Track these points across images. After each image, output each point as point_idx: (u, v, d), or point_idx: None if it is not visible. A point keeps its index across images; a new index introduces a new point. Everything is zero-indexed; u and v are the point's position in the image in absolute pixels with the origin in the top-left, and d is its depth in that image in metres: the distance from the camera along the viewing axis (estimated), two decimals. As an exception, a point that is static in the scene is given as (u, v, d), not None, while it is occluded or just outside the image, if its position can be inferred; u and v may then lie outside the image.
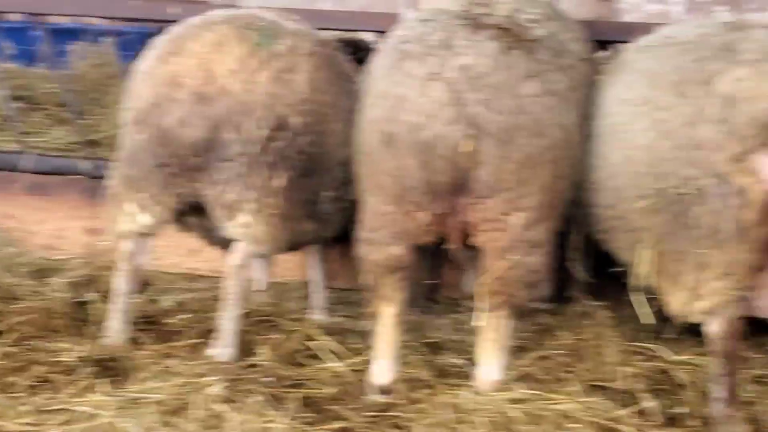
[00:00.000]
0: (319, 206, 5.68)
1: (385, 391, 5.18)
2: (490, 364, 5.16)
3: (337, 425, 4.82)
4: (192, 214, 5.75)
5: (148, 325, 5.89)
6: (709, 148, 4.80)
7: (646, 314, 5.17)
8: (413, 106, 5.01)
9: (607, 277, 5.74)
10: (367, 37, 6.91)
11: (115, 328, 5.67)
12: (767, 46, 4.84)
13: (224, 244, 5.70)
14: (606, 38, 6.01)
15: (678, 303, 4.98)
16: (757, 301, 5.01)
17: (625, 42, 5.71)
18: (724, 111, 4.78)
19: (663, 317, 5.22)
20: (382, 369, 5.23)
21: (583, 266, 5.72)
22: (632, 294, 5.20)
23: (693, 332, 5.53)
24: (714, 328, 4.90)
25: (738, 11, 6.53)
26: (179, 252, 7.03)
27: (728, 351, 4.87)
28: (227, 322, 5.52)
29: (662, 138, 4.97)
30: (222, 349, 5.50)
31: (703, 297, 4.87)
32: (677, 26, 5.49)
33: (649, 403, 5.02)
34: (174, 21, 5.85)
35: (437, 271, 6.59)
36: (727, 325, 4.86)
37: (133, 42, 7.55)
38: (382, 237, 5.19)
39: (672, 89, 5.00)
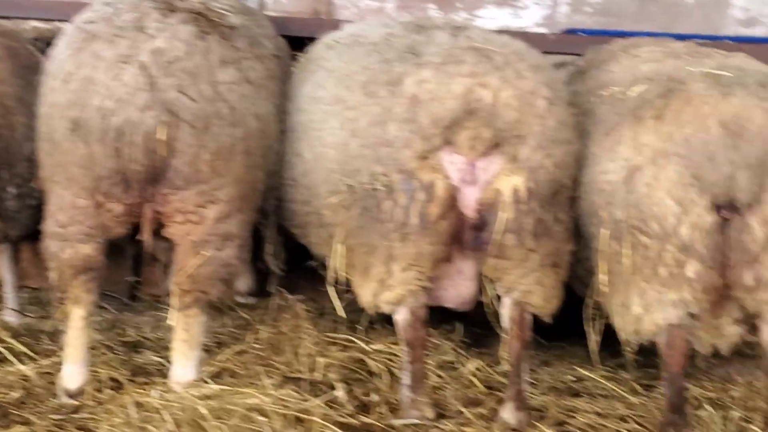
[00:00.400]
0: (4, 203, 5.46)
1: (73, 394, 5.04)
2: (183, 362, 5.12)
3: (20, 430, 4.65)
4: None
5: None
6: (397, 146, 4.96)
7: (339, 307, 5.28)
8: (103, 90, 4.86)
9: (303, 271, 5.84)
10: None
11: None
12: (448, 49, 5.06)
13: None
14: (298, 34, 6.07)
15: (369, 294, 5.12)
16: (441, 291, 5.21)
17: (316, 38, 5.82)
18: (410, 111, 4.96)
19: (360, 308, 5.36)
20: (71, 372, 5.08)
21: (280, 260, 5.77)
22: (328, 287, 5.30)
23: (388, 322, 5.71)
24: (401, 317, 5.06)
25: (448, 9, 6.80)
26: None
27: (414, 339, 5.05)
28: None
29: (352, 136, 5.09)
30: None
31: (391, 288, 5.03)
32: (363, 25, 5.66)
33: (339, 392, 5.12)
34: None
35: (138, 268, 6.50)
36: (412, 315, 5.03)
37: None
38: (73, 233, 5.02)
39: (361, 89, 5.14)
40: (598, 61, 5.80)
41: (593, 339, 5.27)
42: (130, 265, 6.50)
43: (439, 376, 5.49)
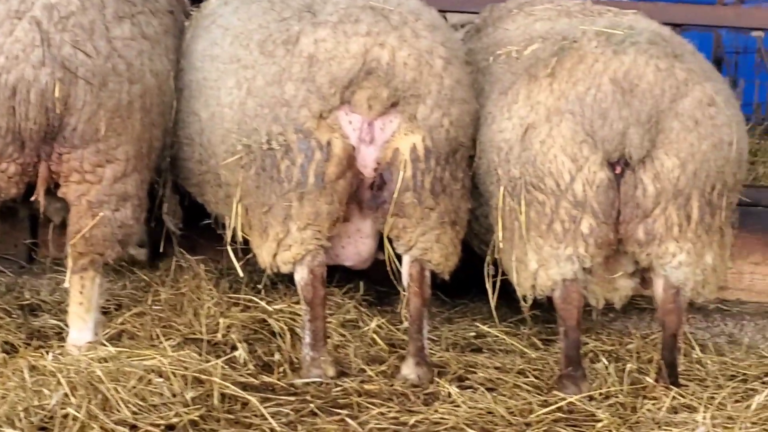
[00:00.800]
0: None
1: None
2: (80, 325, 5.08)
3: None
4: None
5: None
6: (294, 105, 4.95)
7: (239, 267, 5.27)
8: None
9: (202, 230, 5.81)
10: None
11: None
12: (345, 8, 5.06)
13: None
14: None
15: (267, 254, 5.12)
16: (340, 250, 5.24)
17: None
18: (307, 70, 4.94)
19: (260, 269, 5.35)
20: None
21: (177, 219, 5.73)
22: (227, 247, 5.28)
23: (291, 282, 5.71)
24: (300, 276, 5.07)
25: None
26: None
27: (314, 298, 5.07)
28: None
29: (249, 96, 5.06)
30: None
31: (289, 247, 5.03)
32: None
33: (240, 351, 5.12)
34: None
35: (35, 230, 6.39)
36: (311, 273, 5.04)
37: None
38: None
39: (258, 48, 5.10)
40: (493, 20, 5.85)
41: (493, 296, 5.35)
42: (27, 227, 6.38)
43: (342, 335, 5.52)
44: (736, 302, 6.50)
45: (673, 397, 4.91)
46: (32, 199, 5.01)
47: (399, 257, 5.21)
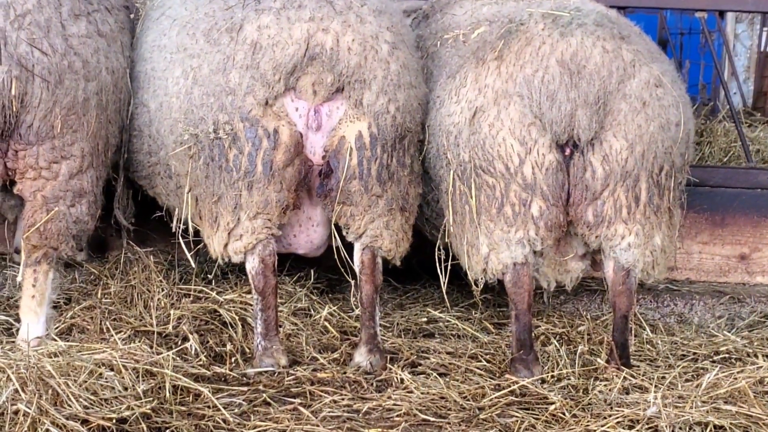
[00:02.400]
0: None
1: None
2: (32, 319, 5.03)
3: None
4: None
5: None
6: (240, 94, 4.92)
7: (191, 258, 5.24)
8: None
9: (152, 223, 5.77)
10: None
11: None
12: None
13: None
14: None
15: (218, 244, 5.09)
16: (292, 238, 5.22)
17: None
18: (251, 58, 4.91)
19: (211, 259, 5.32)
20: None
21: (129, 213, 5.69)
22: (178, 238, 5.25)
23: (242, 271, 5.69)
24: (251, 265, 5.05)
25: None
26: None
27: (265, 287, 5.05)
28: None
29: (195, 84, 5.02)
30: None
31: (240, 237, 5.01)
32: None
33: (191, 343, 5.10)
34: None
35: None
36: (262, 262, 5.02)
37: None
38: None
39: (203, 37, 5.07)
40: (441, 5, 5.85)
41: (444, 281, 5.36)
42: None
43: (293, 323, 5.52)
44: (686, 282, 6.56)
45: (625, 378, 4.95)
46: None
47: (350, 245, 5.21)
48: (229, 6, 5.09)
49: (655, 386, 4.83)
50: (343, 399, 4.74)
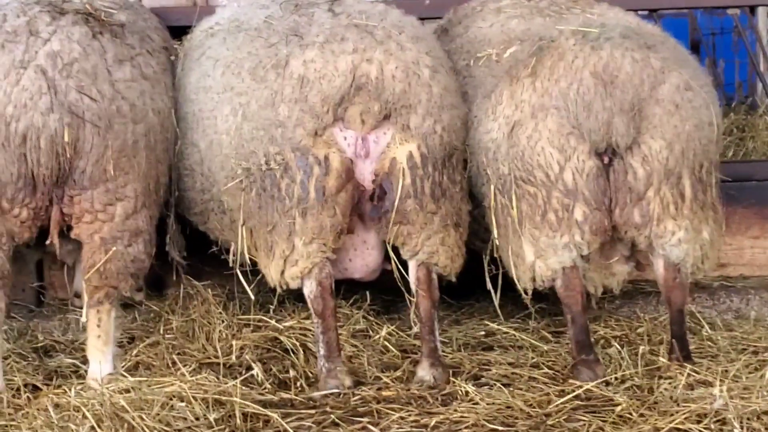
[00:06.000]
0: None
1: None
2: (99, 358, 5.13)
3: (-63, 445, 4.62)
4: None
5: None
6: (289, 126, 5.04)
7: (249, 289, 5.33)
8: (2, 97, 4.86)
9: (205, 258, 5.86)
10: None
11: None
12: (330, 28, 5.17)
13: None
14: (179, 24, 6.08)
15: (275, 272, 5.19)
16: (348, 263, 5.30)
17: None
18: (299, 91, 5.04)
19: (269, 289, 5.41)
20: (-17, 382, 5.02)
21: (181, 248, 5.78)
22: (235, 270, 5.35)
23: (298, 299, 5.77)
24: (308, 290, 5.14)
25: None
26: None
27: (324, 310, 5.12)
28: None
29: (244, 120, 5.15)
30: None
31: (296, 262, 5.10)
32: (239, 9, 5.67)
33: (256, 371, 5.17)
34: None
35: (41, 273, 6.45)
36: (319, 286, 5.11)
37: None
38: None
39: (249, 75, 5.20)
40: (459, 18, 5.97)
41: (495, 293, 5.43)
42: (33, 271, 6.43)
43: (354, 345, 5.58)
44: (740, 278, 6.56)
45: (688, 374, 4.97)
46: (47, 242, 5.09)
47: (405, 264, 5.27)
48: (272, 43, 5.23)
49: (720, 380, 4.84)
50: (410, 415, 4.78)
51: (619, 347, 5.44)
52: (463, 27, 5.89)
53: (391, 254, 5.25)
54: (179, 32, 5.98)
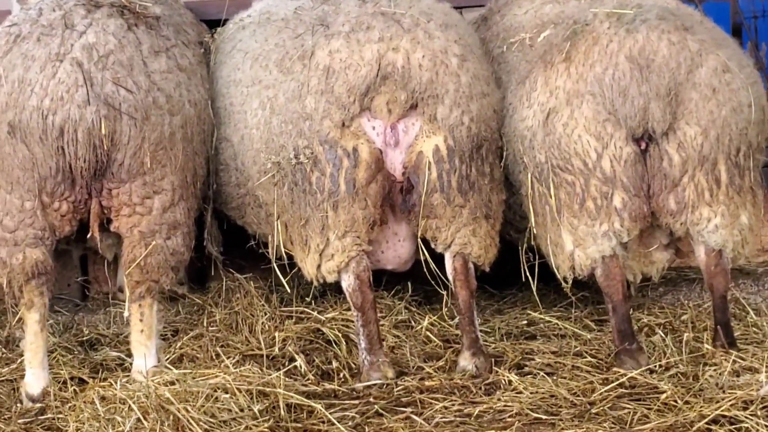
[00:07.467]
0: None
1: (36, 398, 5.02)
2: (143, 351, 5.16)
3: (-12, 438, 4.69)
4: None
5: None
6: (317, 118, 5.04)
7: (285, 283, 5.35)
8: (39, 90, 4.88)
9: (244, 252, 5.89)
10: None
11: None
12: (356, 17, 5.14)
13: None
14: (216, 17, 6.09)
15: (311, 266, 5.20)
16: (380, 254, 5.30)
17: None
18: (325, 82, 5.04)
19: (306, 282, 5.42)
20: (33, 377, 5.06)
21: (218, 244, 5.81)
22: (273, 264, 5.36)
23: (340, 291, 5.78)
24: (347, 283, 5.15)
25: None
26: None
27: (363, 302, 5.14)
28: None
29: (273, 114, 5.15)
30: None
31: (331, 257, 5.11)
32: (273, 1, 5.68)
33: (299, 362, 5.19)
34: None
35: (85, 268, 6.51)
36: (357, 279, 5.12)
37: None
38: (22, 237, 5.00)
39: (276, 67, 5.21)
40: (499, 7, 5.93)
41: (533, 282, 5.41)
42: (78, 266, 6.50)
43: (396, 336, 5.59)
44: (784, 263, 6.51)
45: (734, 361, 4.93)
46: (88, 236, 5.12)
47: (440, 256, 5.26)
48: (298, 34, 5.23)
49: (766, 366, 4.80)
50: (453, 405, 4.79)
51: (663, 335, 5.41)
52: (500, 15, 5.86)
53: (422, 247, 5.24)
54: (215, 26, 6.00)
